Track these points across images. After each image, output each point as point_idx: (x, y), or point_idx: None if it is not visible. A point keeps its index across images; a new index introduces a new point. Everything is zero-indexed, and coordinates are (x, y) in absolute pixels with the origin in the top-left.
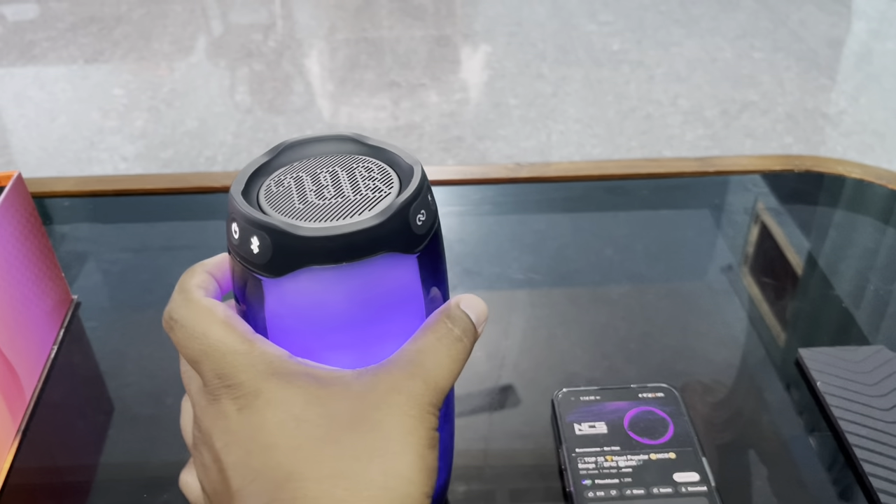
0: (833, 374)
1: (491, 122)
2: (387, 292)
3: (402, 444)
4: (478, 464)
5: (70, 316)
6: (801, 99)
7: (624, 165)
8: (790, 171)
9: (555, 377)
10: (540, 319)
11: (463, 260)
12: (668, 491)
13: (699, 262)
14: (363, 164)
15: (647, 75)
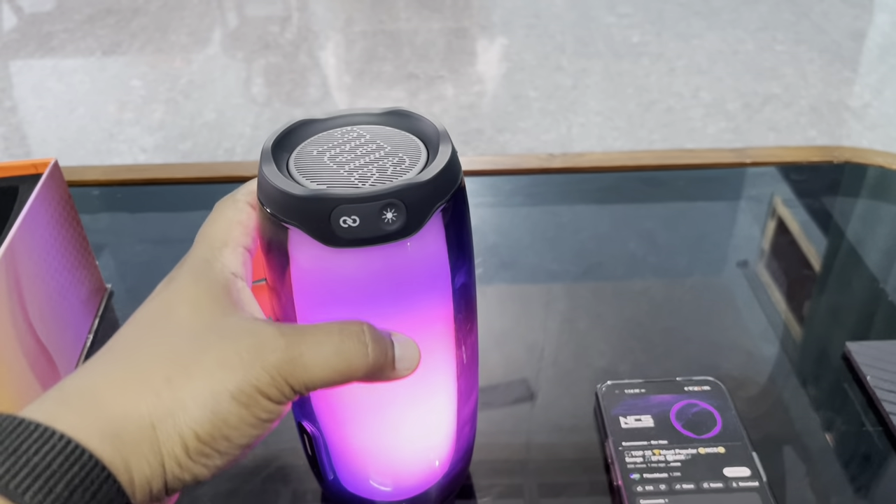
0: (883, 367)
1: (510, 114)
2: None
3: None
4: (520, 457)
5: (104, 305)
6: (825, 91)
7: (658, 156)
8: (829, 163)
9: (595, 370)
10: (578, 311)
11: (498, 252)
12: (719, 486)
13: (738, 254)
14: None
15: (668, 68)
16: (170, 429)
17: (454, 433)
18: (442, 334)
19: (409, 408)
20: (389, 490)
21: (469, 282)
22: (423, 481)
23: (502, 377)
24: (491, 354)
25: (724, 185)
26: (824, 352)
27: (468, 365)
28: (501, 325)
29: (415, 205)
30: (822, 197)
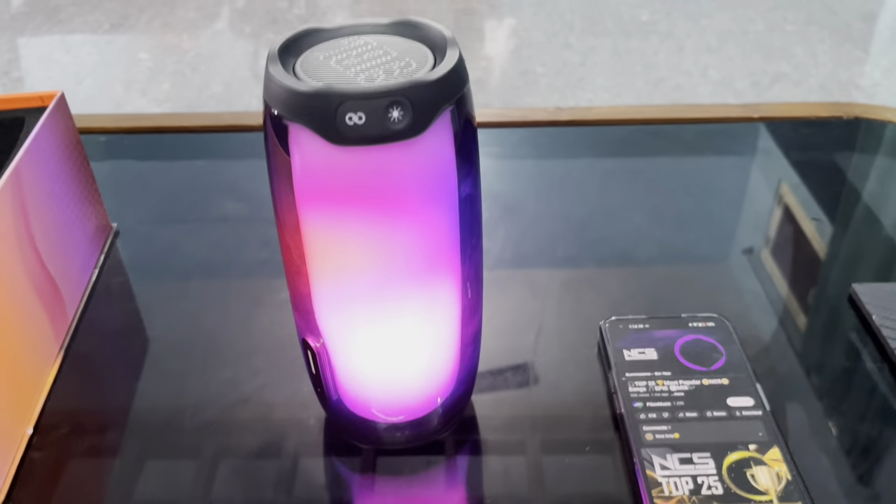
0: (888, 307)
1: (518, 89)
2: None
3: None
4: (523, 389)
5: (110, 243)
6: (835, 71)
7: (666, 110)
8: (838, 118)
9: (599, 309)
10: (583, 253)
11: (504, 198)
12: (722, 414)
13: (745, 202)
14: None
15: (677, 46)
16: None
17: (458, 352)
18: (447, 245)
19: (413, 320)
20: (392, 411)
21: (474, 195)
22: (426, 403)
23: (506, 316)
24: (495, 292)
25: (732, 139)
26: (831, 294)
27: (472, 282)
28: (506, 265)
29: (421, 104)
30: (831, 151)
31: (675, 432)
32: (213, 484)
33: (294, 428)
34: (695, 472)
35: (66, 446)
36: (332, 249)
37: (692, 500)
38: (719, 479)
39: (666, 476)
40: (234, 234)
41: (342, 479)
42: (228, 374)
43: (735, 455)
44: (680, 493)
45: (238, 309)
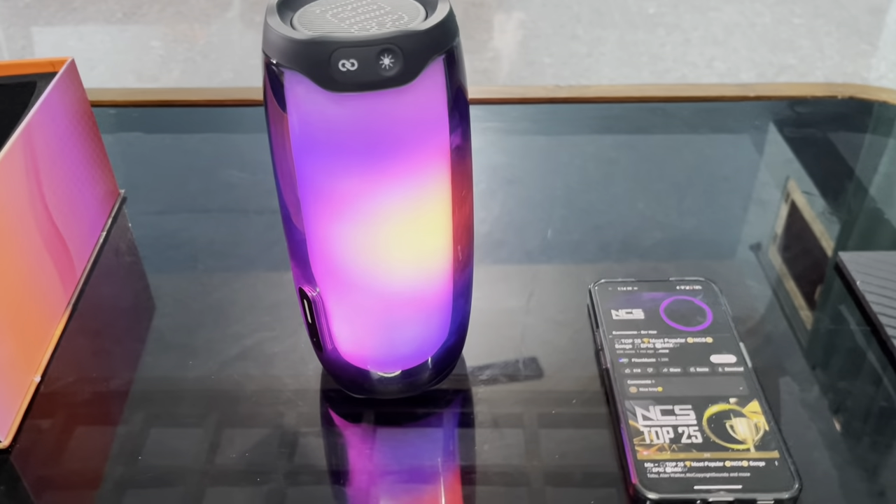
0: (872, 274)
1: (524, 79)
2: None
3: None
4: (513, 344)
5: (117, 208)
6: (841, 63)
7: (664, 88)
8: (833, 98)
9: (590, 272)
10: (576, 220)
11: (501, 170)
12: (705, 370)
13: (739, 176)
14: None
15: (684, 38)
16: None
17: (449, 302)
18: (438, 194)
19: (406, 268)
20: (385, 360)
21: (465, 146)
22: (418, 353)
23: (497, 281)
24: (491, 258)
25: (727, 117)
26: (817, 262)
27: (464, 233)
28: (502, 233)
29: (411, 52)
30: (824, 130)
31: (658, 386)
32: (214, 431)
33: (292, 379)
34: (675, 422)
35: (71, 395)
36: (326, 197)
37: (672, 447)
38: (699, 428)
39: (648, 426)
40: (239, 199)
41: (337, 428)
42: (230, 329)
43: (715, 407)
44: (660, 441)
45: (242, 267)
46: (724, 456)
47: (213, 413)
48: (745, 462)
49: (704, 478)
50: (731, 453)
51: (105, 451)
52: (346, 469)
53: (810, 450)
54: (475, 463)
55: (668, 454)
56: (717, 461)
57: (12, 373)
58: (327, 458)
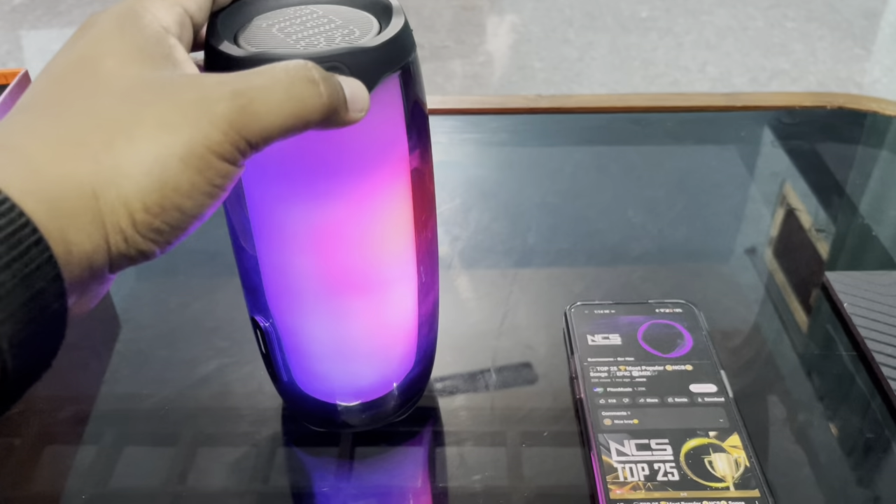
0: (860, 296)
1: (514, 84)
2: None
3: (155, 139)
4: (484, 369)
5: None
6: (834, 68)
7: (648, 98)
8: (822, 108)
9: (568, 294)
10: (554, 238)
11: (478, 183)
12: (684, 401)
13: (723, 191)
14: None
15: (676, 42)
16: (113, 199)
17: (414, 331)
18: (397, 217)
19: (365, 297)
20: (346, 392)
21: (424, 168)
22: (382, 384)
23: (473, 299)
24: (463, 277)
25: (713, 128)
26: (803, 282)
27: (426, 257)
28: (477, 250)
29: (360, 71)
30: (813, 141)
31: (634, 418)
32: (170, 464)
33: (251, 410)
34: (651, 458)
35: (24, 430)
36: (277, 224)
37: (647, 486)
38: (676, 465)
39: (622, 462)
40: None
41: (297, 460)
42: (190, 354)
43: (694, 441)
44: (635, 478)
45: (207, 292)
46: (702, 495)
47: (171, 443)
48: (724, 502)
49: None
50: (709, 492)
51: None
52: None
53: (793, 488)
54: (443, 499)
55: (642, 493)
56: (695, 501)
57: None
58: (290, 491)
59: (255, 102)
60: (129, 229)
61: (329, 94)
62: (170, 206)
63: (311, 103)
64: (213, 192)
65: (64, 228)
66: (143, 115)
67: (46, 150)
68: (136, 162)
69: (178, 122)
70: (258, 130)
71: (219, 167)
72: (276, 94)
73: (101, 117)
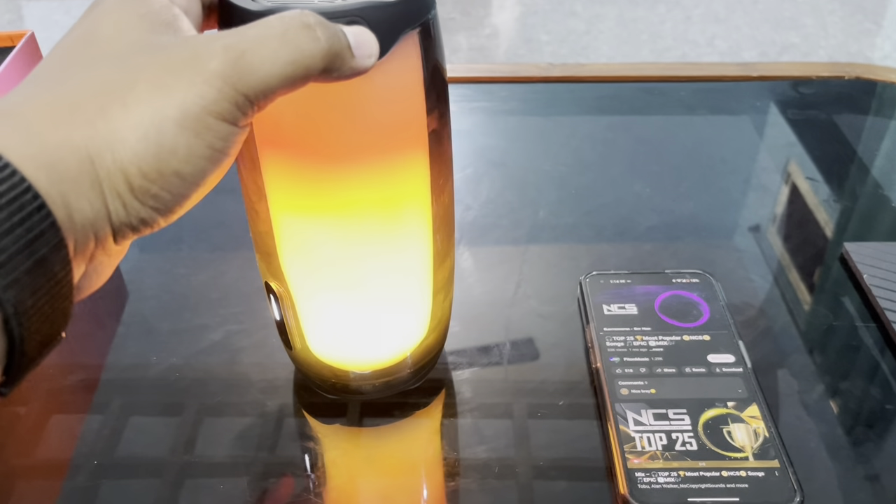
0: (879, 266)
1: (521, 57)
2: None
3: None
4: (498, 340)
5: None
6: (845, 42)
7: (661, 67)
8: (839, 78)
9: (582, 264)
10: (567, 208)
11: (488, 152)
12: (702, 371)
13: (739, 160)
14: None
15: (684, 15)
16: (109, 164)
17: (428, 298)
18: (415, 180)
19: (380, 262)
20: (360, 359)
21: (443, 130)
22: (396, 351)
23: (486, 268)
24: (476, 246)
25: (728, 98)
26: (822, 253)
27: (443, 223)
28: (489, 219)
29: (379, 26)
30: (830, 111)
31: (651, 388)
32: (180, 432)
33: (260, 375)
34: (669, 427)
35: (32, 400)
36: (291, 185)
37: (665, 455)
38: (694, 435)
39: (639, 431)
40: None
41: (308, 427)
42: (200, 321)
43: (712, 412)
44: (653, 448)
45: (215, 260)
46: (721, 465)
47: (179, 411)
48: (743, 472)
49: (699, 489)
50: (728, 462)
51: (67, 461)
52: (320, 472)
53: (812, 458)
54: (455, 468)
55: (660, 462)
56: (714, 471)
57: None
58: (300, 458)
59: (248, 54)
60: (127, 195)
61: (327, 38)
62: (168, 171)
63: (309, 49)
64: (214, 157)
65: (65, 194)
66: (136, 79)
67: (45, 116)
68: (131, 126)
69: (171, 84)
70: (255, 83)
71: (217, 129)
72: (269, 43)
73: (97, 83)
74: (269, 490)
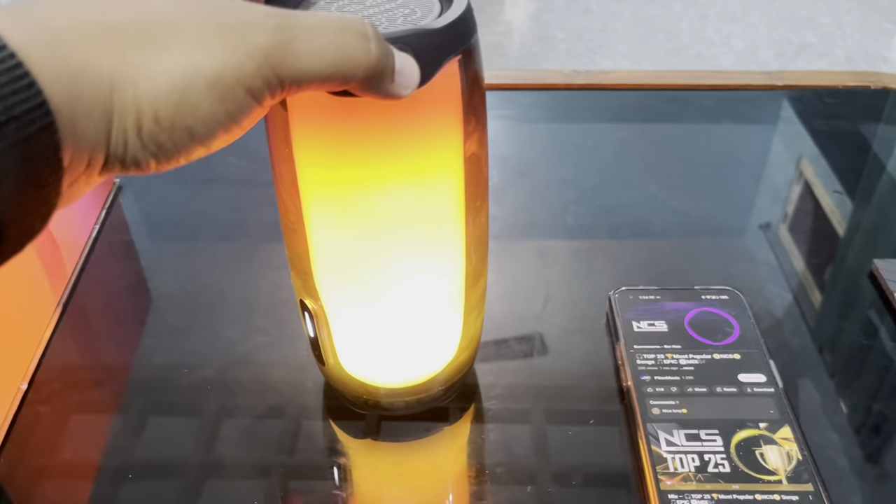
0: None
1: (536, 55)
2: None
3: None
4: (527, 357)
5: (112, 199)
6: (862, 42)
7: (685, 76)
8: (865, 88)
9: (610, 279)
10: (594, 220)
11: (514, 162)
12: (733, 391)
13: (766, 173)
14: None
15: (700, 14)
16: (128, 98)
17: (461, 318)
18: (450, 205)
19: (414, 283)
20: (392, 377)
21: (480, 154)
22: (427, 369)
23: (513, 282)
24: (503, 259)
25: (753, 107)
26: (851, 269)
27: (477, 245)
28: (515, 231)
29: (425, 53)
30: (856, 121)
31: (682, 407)
32: (208, 441)
33: (292, 390)
34: (702, 448)
35: (60, 402)
36: (330, 207)
37: (697, 477)
38: (727, 456)
39: (671, 452)
40: (237, 192)
41: (339, 443)
42: (229, 333)
43: (744, 433)
44: (685, 469)
45: (240, 267)
46: (755, 488)
47: (208, 424)
48: (777, 496)
49: None
50: (761, 485)
51: (94, 464)
52: (347, 485)
53: (846, 482)
54: (484, 485)
55: (693, 484)
56: (747, 494)
57: None
58: (329, 471)
59: (297, 41)
60: (132, 134)
61: (378, 55)
62: (181, 125)
63: (357, 58)
64: (229, 126)
65: (75, 114)
66: (183, 28)
67: (75, 31)
68: (163, 70)
69: (215, 44)
70: (293, 72)
71: (243, 101)
72: (321, 38)
73: (144, 16)
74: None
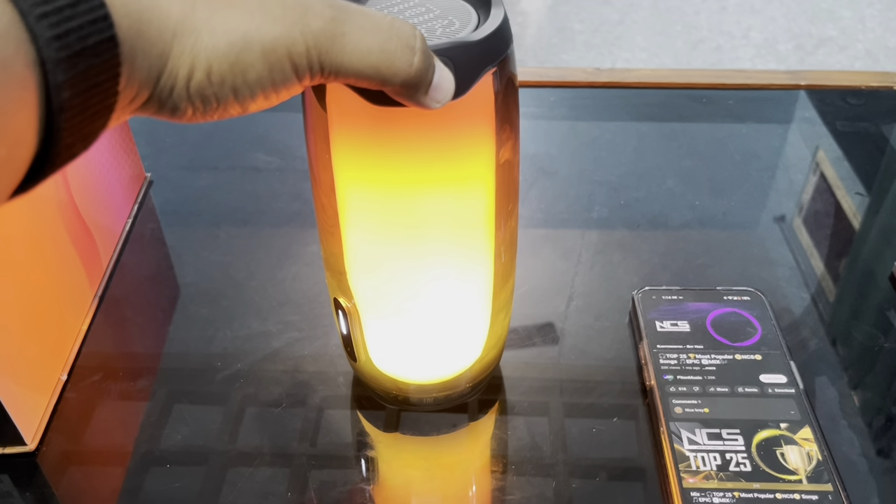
0: None
1: (554, 46)
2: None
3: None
4: (551, 355)
5: (144, 192)
6: (883, 36)
7: (708, 75)
8: (889, 89)
9: (633, 278)
10: (618, 219)
11: (539, 160)
12: (754, 391)
13: (788, 173)
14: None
15: (719, 6)
16: (187, 47)
17: (489, 318)
18: (482, 210)
19: (445, 285)
20: (421, 374)
21: (513, 161)
22: (455, 366)
23: (537, 280)
24: (527, 257)
25: (775, 107)
26: (872, 271)
27: (507, 248)
28: (538, 230)
29: (463, 65)
30: (879, 122)
31: (704, 407)
32: (241, 432)
33: (321, 383)
34: (723, 448)
35: (99, 392)
36: (365, 210)
37: (719, 475)
38: (748, 456)
39: (694, 451)
40: (266, 184)
41: (367, 436)
42: (258, 324)
43: (765, 433)
44: (707, 468)
45: (269, 259)
46: (775, 487)
47: (239, 413)
48: (797, 495)
49: None
50: (782, 484)
51: (134, 454)
52: (375, 476)
53: (866, 483)
54: (508, 482)
55: (715, 483)
56: (768, 493)
57: (37, 372)
58: (357, 463)
59: (345, 37)
60: (182, 83)
61: (419, 68)
62: (229, 83)
63: (398, 67)
64: (268, 94)
65: (134, 49)
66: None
67: None
68: (227, 28)
69: (276, 16)
70: (335, 63)
71: (286, 75)
72: (370, 39)
73: None
74: (326, 496)
